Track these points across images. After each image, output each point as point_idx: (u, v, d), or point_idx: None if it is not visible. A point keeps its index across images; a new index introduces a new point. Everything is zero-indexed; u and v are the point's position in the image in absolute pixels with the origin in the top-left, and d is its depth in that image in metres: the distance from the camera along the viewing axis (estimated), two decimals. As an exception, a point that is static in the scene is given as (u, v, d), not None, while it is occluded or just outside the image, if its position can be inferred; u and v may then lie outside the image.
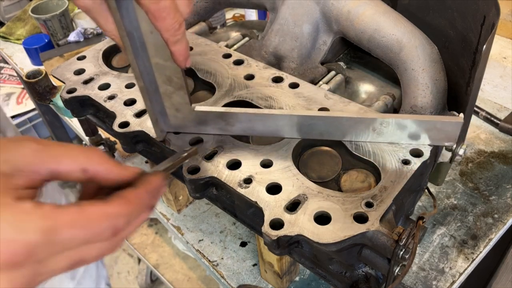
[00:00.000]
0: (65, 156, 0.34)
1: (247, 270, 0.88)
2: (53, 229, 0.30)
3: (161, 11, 0.44)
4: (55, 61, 1.38)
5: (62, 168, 0.34)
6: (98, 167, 0.36)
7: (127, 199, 0.35)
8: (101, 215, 0.33)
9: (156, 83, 0.58)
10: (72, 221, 0.31)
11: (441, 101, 0.70)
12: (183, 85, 0.59)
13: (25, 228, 0.29)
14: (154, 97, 0.59)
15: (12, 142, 0.33)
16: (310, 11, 0.79)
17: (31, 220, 0.30)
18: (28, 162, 0.33)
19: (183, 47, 0.50)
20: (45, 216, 0.30)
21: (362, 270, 0.59)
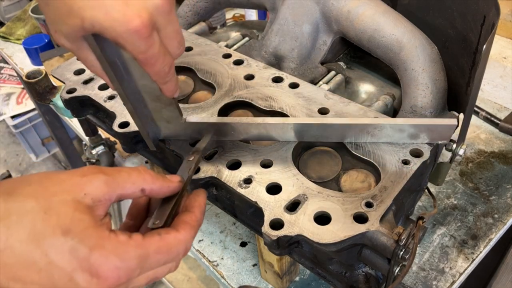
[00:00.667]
0: (127, 182, 0.41)
1: (247, 270, 0.88)
2: (145, 256, 0.38)
3: (150, 58, 0.43)
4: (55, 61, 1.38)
5: (127, 192, 0.41)
6: (152, 185, 0.42)
7: (191, 225, 0.43)
8: (177, 242, 0.40)
9: (145, 102, 0.57)
10: (157, 248, 0.39)
11: (441, 101, 0.70)
12: (172, 102, 0.57)
13: (126, 256, 0.36)
14: (144, 113, 0.58)
15: (84, 176, 0.39)
16: (310, 11, 0.79)
17: (130, 250, 0.37)
18: (102, 193, 0.39)
19: (172, 85, 0.50)
20: (138, 245, 0.38)
21: (362, 270, 0.59)
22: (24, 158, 2.78)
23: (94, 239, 0.36)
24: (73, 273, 0.35)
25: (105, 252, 0.36)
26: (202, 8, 0.95)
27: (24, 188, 0.37)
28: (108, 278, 0.35)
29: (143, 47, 0.42)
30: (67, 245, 0.35)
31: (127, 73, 0.51)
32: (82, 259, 0.35)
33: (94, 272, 0.35)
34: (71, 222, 0.36)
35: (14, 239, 0.34)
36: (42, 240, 0.34)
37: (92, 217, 0.37)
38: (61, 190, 0.37)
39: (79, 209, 0.37)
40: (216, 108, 0.69)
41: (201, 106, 0.71)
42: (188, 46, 0.83)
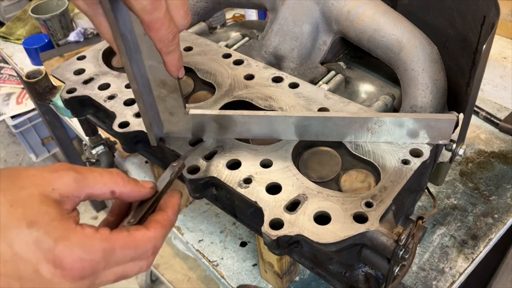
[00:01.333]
0: (98, 182, 0.41)
1: (247, 270, 0.88)
2: (111, 249, 0.38)
3: (155, 22, 0.44)
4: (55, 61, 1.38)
5: (96, 192, 0.41)
6: (122, 188, 0.43)
7: (162, 224, 0.43)
8: (145, 239, 0.41)
9: (150, 86, 0.58)
10: (124, 243, 0.39)
11: (441, 101, 0.70)
12: (177, 87, 0.59)
13: (90, 248, 0.37)
14: (148, 100, 0.59)
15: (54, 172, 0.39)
16: (310, 11, 0.79)
17: (95, 243, 0.37)
18: (71, 189, 0.39)
19: (176, 58, 0.50)
20: (104, 239, 0.38)
21: (362, 270, 0.59)
22: (24, 158, 2.78)
23: (59, 231, 0.36)
24: (38, 264, 0.35)
25: (70, 243, 0.36)
26: (202, 8, 0.95)
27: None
28: (72, 269, 0.36)
29: (149, 7, 0.43)
30: (32, 236, 0.35)
31: (136, 50, 0.53)
32: (46, 250, 0.35)
33: (58, 263, 0.35)
34: (37, 215, 0.36)
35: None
36: (7, 232, 0.35)
37: (59, 210, 0.37)
38: (29, 184, 0.38)
39: (45, 202, 0.37)
40: (216, 108, 0.69)
41: (201, 106, 0.71)
42: (188, 46, 0.83)
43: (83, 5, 0.46)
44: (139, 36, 0.51)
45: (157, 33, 0.46)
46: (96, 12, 0.47)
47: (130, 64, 0.52)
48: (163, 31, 0.46)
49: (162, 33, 0.46)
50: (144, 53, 0.54)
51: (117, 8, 0.47)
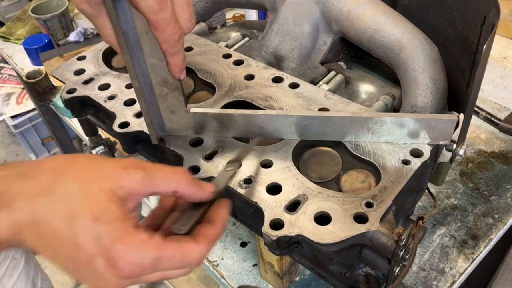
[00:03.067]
0: (162, 181, 0.43)
1: (247, 270, 0.88)
2: (160, 259, 0.40)
3: (161, 22, 0.45)
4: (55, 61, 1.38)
5: (159, 191, 0.43)
6: (185, 189, 0.44)
7: (210, 239, 0.44)
8: (192, 252, 0.42)
9: (151, 84, 0.58)
10: (173, 254, 0.41)
11: (441, 101, 0.70)
12: (178, 86, 0.59)
13: (143, 255, 0.39)
14: (149, 98, 0.59)
15: (124, 169, 0.41)
16: (310, 11, 0.79)
17: (147, 250, 0.39)
18: (138, 188, 0.41)
19: (180, 60, 0.51)
20: (156, 247, 0.40)
21: (362, 270, 0.59)
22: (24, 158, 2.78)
23: (119, 232, 0.38)
24: (94, 257, 0.38)
25: (126, 247, 0.38)
26: (202, 8, 0.95)
27: (70, 170, 0.40)
28: (123, 270, 0.38)
29: (156, 7, 0.43)
30: (94, 232, 0.38)
31: (138, 49, 0.53)
32: (104, 247, 0.38)
33: (112, 262, 0.38)
34: (103, 212, 0.38)
35: (53, 214, 0.38)
36: (74, 221, 0.38)
37: (122, 210, 0.39)
38: (101, 177, 0.40)
39: (112, 199, 0.39)
40: (216, 108, 0.69)
41: (202, 106, 0.71)
42: (188, 46, 0.83)
43: (87, 7, 0.47)
44: (141, 35, 0.51)
45: (163, 34, 0.46)
46: (100, 14, 0.47)
47: (131, 62, 0.52)
48: (168, 31, 0.46)
49: (167, 33, 0.46)
50: (146, 52, 0.54)
51: (119, 6, 0.47)
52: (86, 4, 0.46)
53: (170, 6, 0.45)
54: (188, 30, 0.49)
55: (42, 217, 0.38)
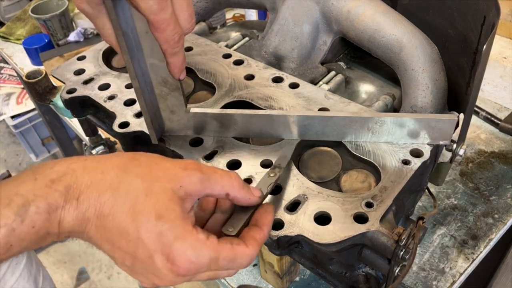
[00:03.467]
0: (218, 184, 0.44)
1: (247, 270, 0.88)
2: (215, 259, 0.41)
3: (161, 22, 0.45)
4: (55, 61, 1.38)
5: (214, 193, 0.44)
6: (237, 193, 0.46)
7: (258, 242, 0.45)
8: (243, 255, 0.43)
9: (151, 84, 0.58)
10: (226, 256, 0.42)
11: (441, 101, 0.70)
12: (178, 86, 0.59)
13: (201, 254, 0.40)
14: (149, 98, 0.59)
15: (184, 170, 0.43)
16: (310, 11, 0.79)
17: (205, 250, 0.41)
18: (195, 189, 0.43)
19: (180, 60, 0.51)
20: (213, 248, 0.41)
21: (362, 270, 0.59)
22: (24, 158, 2.78)
23: (179, 230, 0.40)
24: (154, 253, 0.39)
25: (186, 245, 0.40)
26: (202, 8, 0.95)
27: (134, 168, 0.42)
28: (180, 268, 0.40)
29: (156, 7, 0.44)
30: (157, 228, 0.39)
31: (138, 49, 0.53)
32: (165, 244, 0.39)
33: (171, 258, 0.39)
34: (165, 210, 0.40)
35: (118, 209, 0.40)
36: (138, 217, 0.39)
37: (182, 209, 0.41)
38: (163, 177, 0.42)
39: (173, 199, 0.41)
40: (216, 108, 0.69)
41: (201, 106, 0.71)
42: (188, 46, 0.83)
43: (87, 7, 0.47)
44: (140, 35, 0.52)
45: (163, 34, 0.47)
46: (100, 14, 0.48)
47: (131, 62, 0.52)
48: (169, 31, 0.46)
49: (168, 33, 0.47)
50: (146, 52, 0.54)
51: (119, 6, 0.47)
52: (86, 4, 0.47)
53: (170, 7, 0.45)
54: (188, 30, 0.49)
55: (107, 211, 0.40)
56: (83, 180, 0.40)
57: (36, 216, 0.38)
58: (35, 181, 0.39)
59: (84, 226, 0.40)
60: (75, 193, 0.40)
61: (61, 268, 2.17)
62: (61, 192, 0.39)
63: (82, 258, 2.21)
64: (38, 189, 0.39)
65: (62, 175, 0.40)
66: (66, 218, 0.39)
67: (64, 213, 0.39)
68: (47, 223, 0.39)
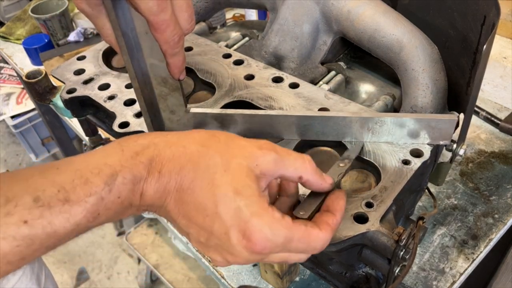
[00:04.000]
0: (291, 165, 0.43)
1: (247, 271, 0.88)
2: (290, 239, 0.40)
3: (161, 23, 0.45)
4: (55, 61, 1.38)
5: (287, 174, 0.43)
6: (310, 177, 0.44)
7: (331, 227, 0.44)
8: (317, 239, 0.42)
9: (151, 84, 0.58)
10: (301, 237, 0.41)
11: (442, 101, 0.70)
12: (178, 86, 0.59)
13: (276, 232, 0.39)
14: (149, 98, 0.59)
15: (259, 149, 0.42)
16: (310, 11, 0.79)
17: (280, 228, 0.40)
18: (269, 169, 0.42)
19: (180, 61, 0.51)
20: (288, 228, 0.40)
21: (362, 271, 0.59)
22: (24, 158, 2.78)
23: (256, 206, 0.39)
24: (230, 228, 0.39)
25: (262, 222, 0.39)
26: (202, 8, 0.95)
27: (214, 144, 0.42)
28: (256, 245, 0.39)
29: (156, 8, 0.44)
30: (235, 203, 0.39)
31: (138, 49, 0.53)
32: (242, 220, 0.39)
33: (247, 235, 0.39)
34: (243, 186, 0.40)
35: (197, 183, 0.40)
36: (216, 192, 0.39)
37: (258, 187, 0.40)
38: (240, 154, 0.41)
39: (249, 176, 0.40)
40: (216, 108, 0.69)
41: (201, 106, 0.71)
42: (188, 46, 0.83)
43: (87, 7, 0.47)
44: (140, 35, 0.52)
45: (163, 35, 0.47)
46: (99, 14, 0.48)
47: (131, 62, 0.52)
48: (168, 32, 0.46)
49: (167, 34, 0.47)
50: (146, 52, 0.54)
51: (118, 6, 0.47)
52: (86, 4, 0.47)
53: (170, 7, 0.45)
54: (188, 31, 0.49)
55: (186, 185, 0.40)
56: (165, 153, 0.41)
57: (122, 187, 0.39)
58: (122, 153, 0.40)
59: (164, 199, 0.41)
60: (157, 165, 0.40)
61: (61, 268, 2.17)
62: (144, 164, 0.40)
63: (82, 258, 2.21)
64: (125, 160, 0.40)
65: (145, 147, 0.41)
66: (148, 190, 0.40)
67: (146, 185, 0.40)
68: (131, 194, 0.40)
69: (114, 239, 2.26)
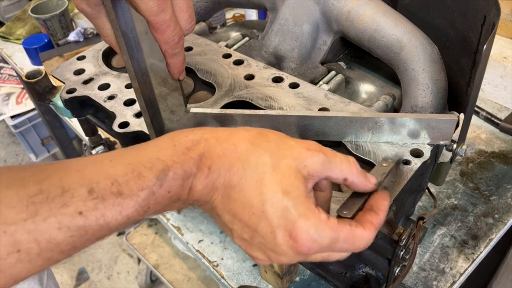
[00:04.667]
0: (337, 168, 0.43)
1: (247, 271, 0.88)
2: (335, 240, 0.40)
3: (161, 23, 0.45)
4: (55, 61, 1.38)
5: (333, 176, 0.43)
6: (355, 178, 0.44)
7: (375, 226, 0.43)
8: (361, 237, 0.42)
9: (151, 85, 0.58)
10: (346, 237, 0.41)
11: (442, 101, 0.70)
12: (178, 86, 0.59)
13: (323, 234, 0.39)
14: (149, 98, 0.59)
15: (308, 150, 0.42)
16: (310, 11, 0.79)
17: (326, 229, 0.39)
18: (317, 170, 0.42)
19: (180, 61, 0.51)
20: (334, 229, 0.40)
21: (362, 271, 0.59)
22: (24, 158, 2.78)
23: (303, 207, 0.39)
24: (277, 228, 0.39)
25: (309, 223, 0.39)
26: (202, 8, 0.95)
27: (264, 143, 0.42)
28: (302, 246, 0.39)
29: (156, 9, 0.44)
30: (282, 204, 0.39)
31: (138, 49, 0.53)
32: (289, 220, 0.39)
33: (293, 235, 0.39)
34: (291, 186, 0.39)
35: (245, 181, 0.40)
36: (265, 191, 0.39)
37: (305, 188, 0.40)
38: (289, 155, 0.41)
39: (297, 177, 0.40)
40: (216, 108, 0.69)
41: (201, 106, 0.70)
42: (188, 46, 0.83)
43: (86, 7, 0.47)
44: (140, 35, 0.52)
45: (163, 35, 0.47)
46: (99, 14, 0.48)
47: (131, 62, 0.52)
48: (169, 33, 0.46)
49: (168, 35, 0.47)
50: (146, 52, 0.54)
51: (118, 7, 0.47)
52: (86, 4, 0.47)
53: (170, 8, 0.45)
54: (188, 31, 0.49)
55: (235, 182, 0.40)
56: (215, 150, 0.41)
57: (173, 182, 0.39)
58: (174, 148, 0.40)
59: (211, 195, 0.41)
60: (207, 162, 0.40)
61: (61, 268, 2.17)
62: (195, 160, 0.40)
63: (82, 258, 2.21)
64: (176, 155, 0.40)
65: (196, 143, 0.41)
66: (196, 186, 0.40)
67: (195, 180, 0.40)
68: (180, 189, 0.40)
69: (114, 239, 2.26)
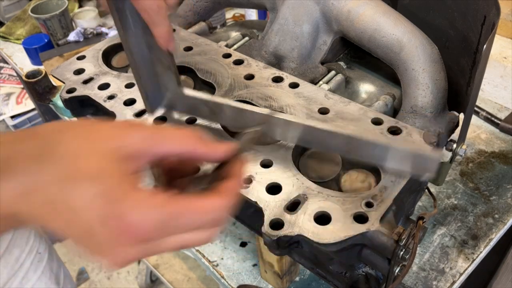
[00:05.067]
0: (167, 141, 0.38)
1: (247, 270, 0.88)
2: (171, 216, 0.35)
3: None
4: (55, 61, 1.38)
5: (164, 151, 0.38)
6: (196, 150, 0.39)
7: (231, 192, 0.39)
8: (209, 204, 0.37)
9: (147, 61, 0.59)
10: (187, 210, 0.36)
11: (442, 101, 0.70)
12: (170, 65, 0.59)
13: (147, 215, 0.34)
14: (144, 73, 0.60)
15: (123, 129, 0.37)
16: (310, 11, 0.79)
17: (151, 207, 0.34)
18: (138, 148, 0.37)
19: (164, 30, 0.51)
20: (162, 204, 0.35)
21: (362, 270, 0.59)
22: (24, 158, 2.78)
23: (116, 192, 0.34)
24: (92, 222, 0.34)
25: (126, 205, 0.34)
26: (202, 8, 0.95)
27: (68, 131, 0.37)
28: (128, 233, 0.34)
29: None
30: (88, 193, 0.34)
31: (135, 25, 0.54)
32: (107, 209, 0.34)
33: (112, 225, 0.34)
34: (98, 171, 0.34)
35: (42, 180, 0.34)
36: (64, 184, 0.34)
37: (119, 170, 0.35)
38: (100, 137, 0.37)
39: (108, 158, 0.35)
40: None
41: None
42: (188, 46, 0.83)
43: None
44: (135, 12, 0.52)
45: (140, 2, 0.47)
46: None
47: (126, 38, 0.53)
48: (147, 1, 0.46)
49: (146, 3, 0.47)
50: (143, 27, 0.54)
51: None
52: None
53: None
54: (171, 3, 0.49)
55: (31, 185, 0.34)
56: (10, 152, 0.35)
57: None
58: None
59: (16, 208, 0.34)
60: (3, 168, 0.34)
61: (61, 268, 2.17)
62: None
63: (82, 258, 2.21)
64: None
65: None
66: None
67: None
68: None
69: (114, 239, 2.26)
